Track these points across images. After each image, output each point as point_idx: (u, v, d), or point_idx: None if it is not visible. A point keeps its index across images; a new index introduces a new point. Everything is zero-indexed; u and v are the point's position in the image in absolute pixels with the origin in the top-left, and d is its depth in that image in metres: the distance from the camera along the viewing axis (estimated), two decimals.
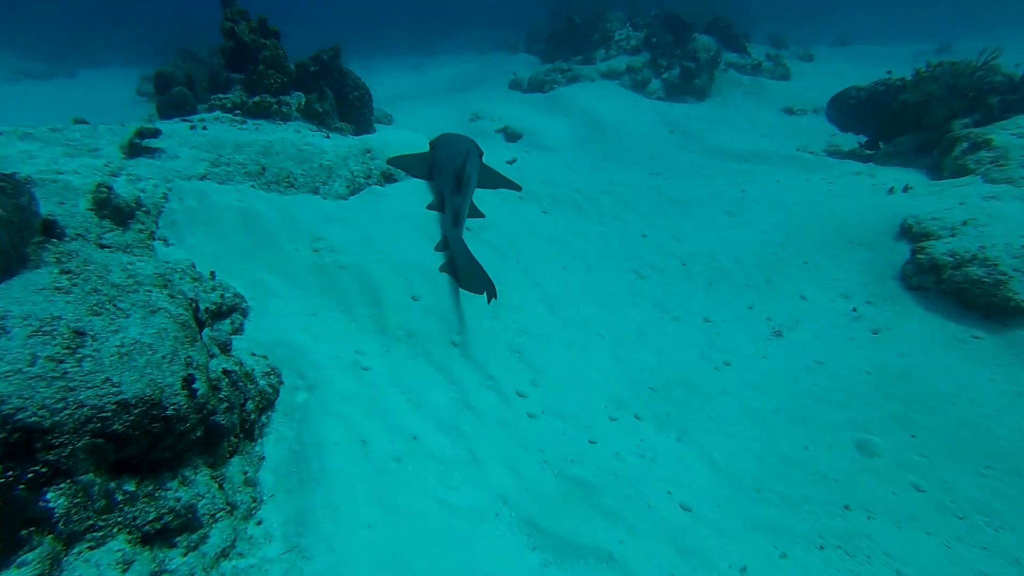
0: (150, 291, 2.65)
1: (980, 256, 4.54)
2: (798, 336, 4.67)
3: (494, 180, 6.70)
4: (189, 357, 2.45)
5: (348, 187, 5.73)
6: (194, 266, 4.02)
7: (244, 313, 4.10)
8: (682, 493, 3.24)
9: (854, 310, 4.89)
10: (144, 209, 4.54)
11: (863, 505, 3.09)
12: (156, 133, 5.50)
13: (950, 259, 4.68)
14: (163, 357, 2.33)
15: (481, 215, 5.88)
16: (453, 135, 7.15)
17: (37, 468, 1.93)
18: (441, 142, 6.72)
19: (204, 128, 6.23)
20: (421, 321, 4.33)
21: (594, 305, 4.96)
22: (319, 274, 4.56)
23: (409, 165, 6.48)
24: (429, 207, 5.84)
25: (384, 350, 4.07)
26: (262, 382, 3.29)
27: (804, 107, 11.70)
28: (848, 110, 8.75)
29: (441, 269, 4.84)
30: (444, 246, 5.15)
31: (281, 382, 3.50)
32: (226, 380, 2.79)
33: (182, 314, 2.62)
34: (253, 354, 3.52)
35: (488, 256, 5.14)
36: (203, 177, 5.30)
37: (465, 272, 4.59)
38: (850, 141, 9.53)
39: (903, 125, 8.24)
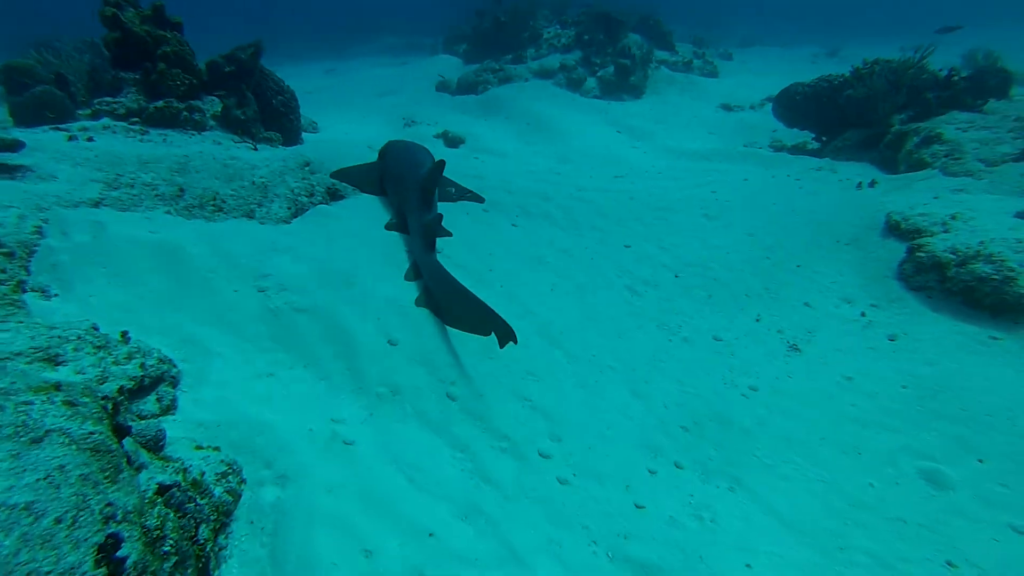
0: (29, 402, 1.70)
1: (984, 252, 4.40)
2: (816, 350, 4.33)
3: (455, 192, 5.95)
4: (108, 505, 1.56)
5: (290, 208, 4.79)
6: (96, 327, 3.01)
7: (175, 383, 3.14)
8: (762, 565, 2.70)
9: (863, 315, 4.64)
10: (4, 250, 3.42)
11: (966, 558, 2.70)
12: (16, 145, 4.30)
13: (952, 256, 4.52)
14: (57, 522, 1.43)
15: (448, 234, 5.13)
16: (401, 142, 6.34)
17: None
18: (391, 151, 5.90)
19: (89, 140, 5.02)
20: (406, 372, 3.55)
21: (595, 332, 4.37)
22: (271, 321, 3.65)
23: (357, 179, 5.61)
24: (389, 227, 5.02)
25: (367, 414, 3.25)
26: (218, 490, 2.40)
27: (741, 104, 11.83)
28: (795, 106, 8.79)
29: (418, 303, 4.07)
30: (415, 274, 4.37)
31: (243, 480, 2.61)
32: (169, 513, 1.91)
33: (92, 433, 1.69)
34: (199, 447, 2.60)
35: (466, 283, 4.41)
36: (97, 203, 4.19)
37: (457, 307, 3.85)
38: (792, 136, 9.64)
39: (847, 120, 8.36)
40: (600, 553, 2.72)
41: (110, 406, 1.94)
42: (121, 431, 1.89)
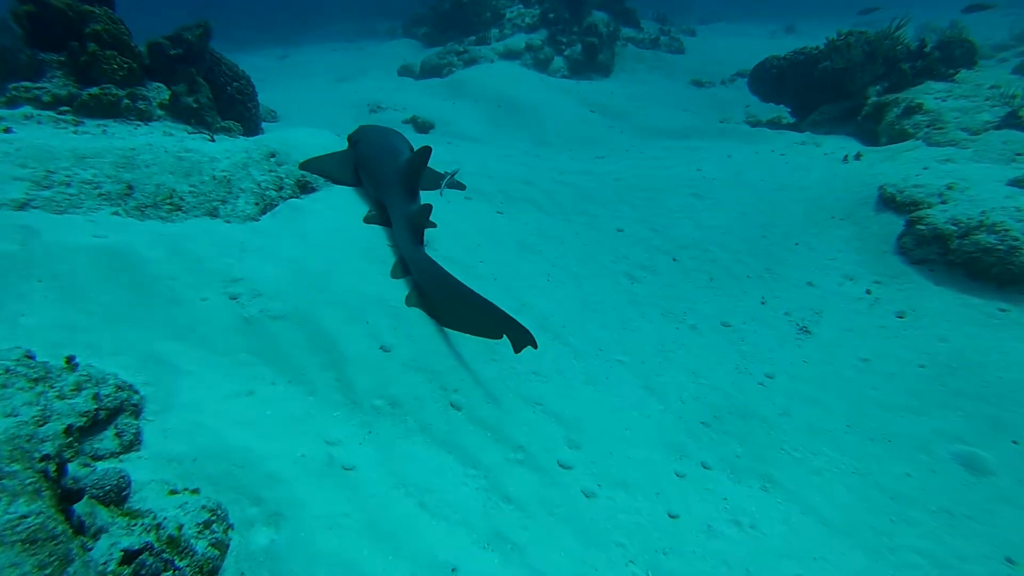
0: None
1: (987, 222, 4.31)
2: (826, 331, 4.18)
3: (432, 178, 5.55)
4: None
5: (257, 204, 4.32)
6: (30, 355, 2.54)
7: (137, 411, 2.71)
8: (813, 574, 2.49)
9: (868, 292, 4.51)
10: None
11: None
12: None
13: (954, 228, 4.43)
14: None
15: (432, 224, 4.74)
16: (373, 128, 5.87)
17: None
18: (363, 137, 5.43)
19: (7, 131, 4.37)
20: (404, 381, 3.19)
21: (598, 323, 4.10)
22: (246, 331, 3.23)
23: (329, 169, 5.14)
24: (368, 220, 4.60)
25: (365, 432, 2.89)
26: (201, 545, 2.01)
27: (711, 79, 11.70)
28: (770, 80, 8.66)
29: (408, 302, 3.70)
30: (403, 270, 3.99)
31: (230, 527, 2.22)
32: None
33: (23, 517, 1.26)
34: (173, 491, 2.20)
35: (458, 277, 4.07)
36: (23, 205, 3.65)
37: (460, 307, 3.50)
38: (767, 111, 9.55)
39: (823, 93, 8.28)
40: (640, 574, 2.46)
41: (52, 468, 1.53)
42: (70, 497, 1.49)
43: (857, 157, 6.39)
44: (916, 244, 4.60)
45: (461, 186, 5.70)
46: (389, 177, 4.58)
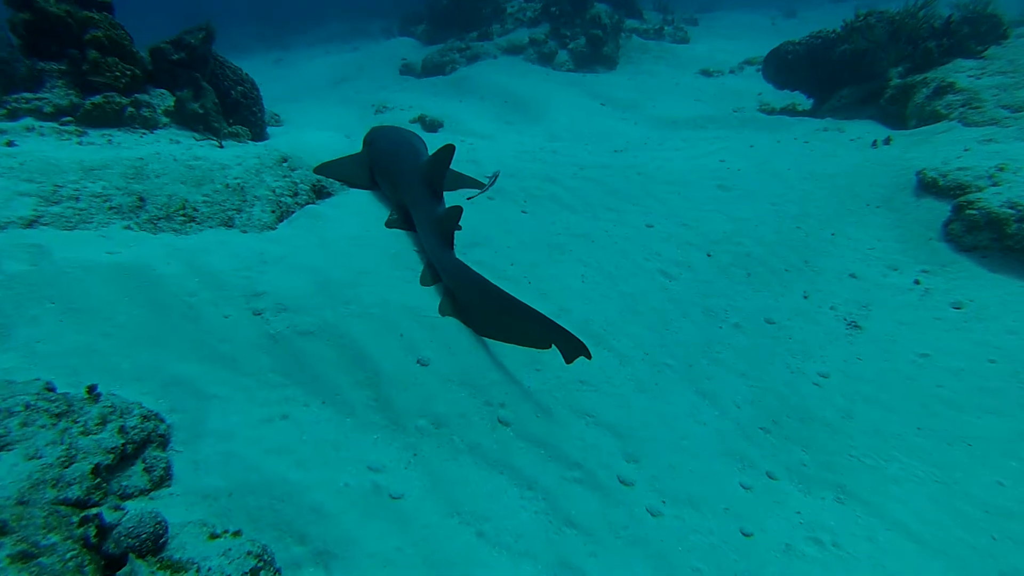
0: None
1: None
2: (877, 325, 3.96)
3: (454, 179, 5.33)
4: None
5: (274, 212, 4.10)
6: (51, 387, 2.33)
7: (164, 442, 2.51)
8: None
9: (917, 283, 4.29)
10: None
11: None
12: None
13: (1011, 211, 4.20)
14: None
15: (457, 227, 4.52)
16: (388, 128, 5.66)
17: None
18: (378, 139, 5.21)
19: (9, 144, 4.17)
20: (446, 397, 2.98)
21: (639, 325, 3.89)
22: (272, 350, 3.02)
23: (344, 172, 4.93)
24: (390, 224, 4.39)
25: (409, 455, 2.69)
26: None
27: (720, 68, 11.46)
28: (785, 66, 8.42)
29: (442, 311, 3.49)
30: (432, 277, 3.78)
31: (277, 571, 2.01)
32: None
33: None
34: (214, 534, 1.99)
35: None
36: (31, 222, 3.44)
37: (502, 315, 3.29)
38: (780, 98, 9.32)
39: (841, 78, 8.05)
40: None
41: (92, 532, 1.32)
42: (113, 564, 1.28)
43: (887, 142, 6.16)
44: (966, 230, 4.38)
45: (480, 184, 5.48)
46: (410, 179, 4.36)
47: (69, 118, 4.94)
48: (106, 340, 2.85)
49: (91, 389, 2.43)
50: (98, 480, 2.05)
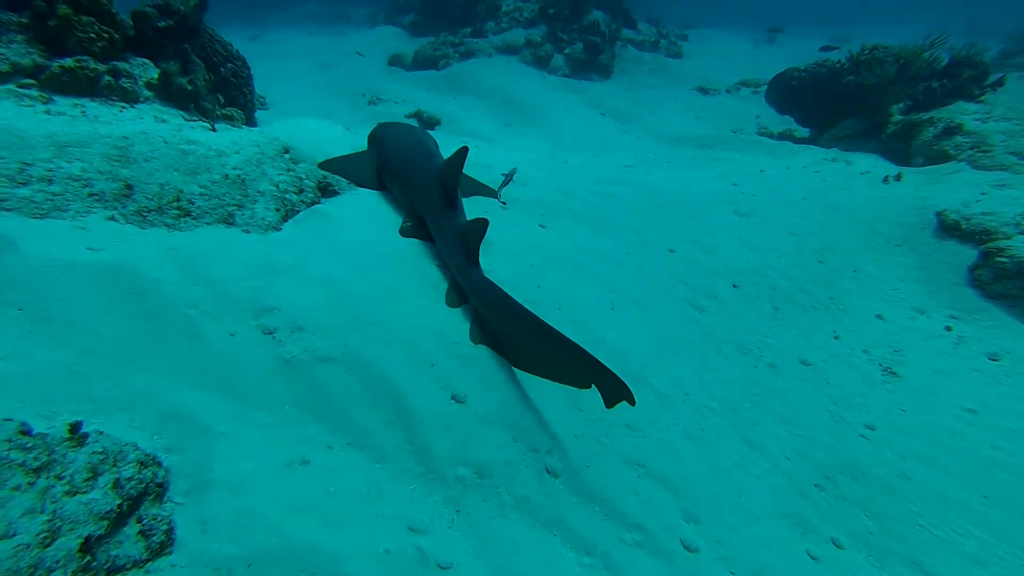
0: None
1: None
2: (914, 373, 3.85)
3: (469, 186, 4.96)
4: None
5: (278, 210, 3.65)
6: (26, 429, 1.88)
7: (162, 492, 2.07)
8: None
9: (948, 329, 4.22)
10: None
11: None
12: None
13: None
14: None
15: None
16: (394, 125, 5.24)
17: None
18: (387, 137, 4.78)
19: None
20: (487, 441, 2.64)
21: (677, 362, 3.64)
22: (288, 377, 2.60)
23: (351, 171, 4.49)
24: (404, 232, 3.99)
25: (452, 512, 2.33)
26: None
27: (716, 87, 11.45)
28: (790, 92, 8.41)
29: (473, 339, 3.14)
30: (459, 298, 3.41)
31: None
32: None
33: None
34: None
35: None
36: None
37: (539, 348, 2.94)
38: (778, 123, 9.34)
39: (843, 109, 8.09)
40: None
41: None
42: None
43: (898, 178, 6.16)
44: (995, 277, 4.34)
45: (495, 194, 5.14)
46: (425, 184, 3.97)
47: (31, 80, 4.31)
48: (89, 359, 2.37)
49: (75, 428, 1.98)
50: (87, 559, 1.62)
